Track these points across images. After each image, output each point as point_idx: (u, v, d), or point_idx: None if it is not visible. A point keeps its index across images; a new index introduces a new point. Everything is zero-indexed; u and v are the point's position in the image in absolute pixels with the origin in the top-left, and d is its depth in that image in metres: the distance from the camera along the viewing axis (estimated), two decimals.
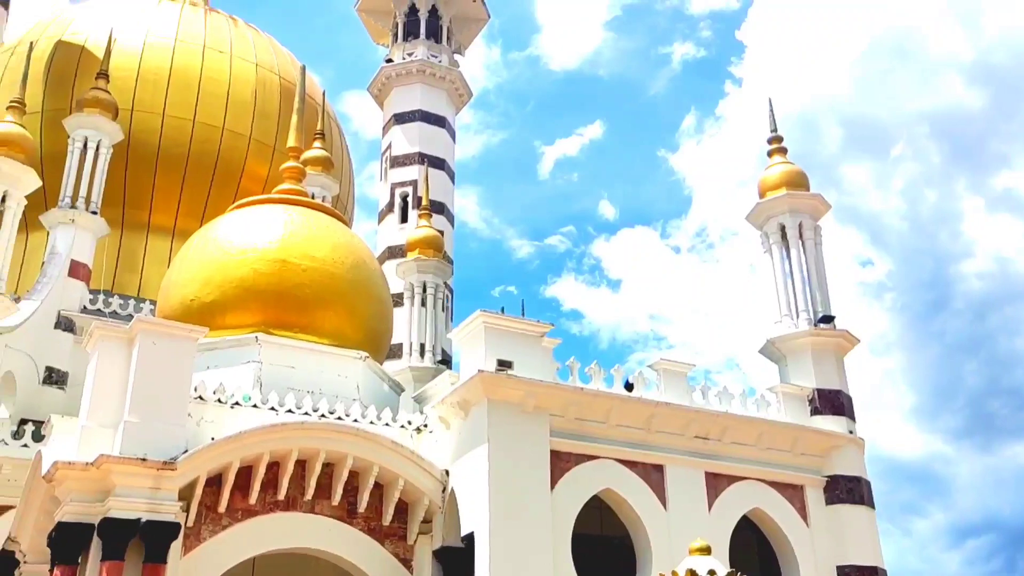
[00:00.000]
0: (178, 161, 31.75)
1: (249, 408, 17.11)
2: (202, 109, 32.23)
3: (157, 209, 31.83)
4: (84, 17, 33.51)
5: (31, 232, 29.37)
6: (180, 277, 20.98)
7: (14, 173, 22.53)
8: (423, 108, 34.89)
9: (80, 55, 31.69)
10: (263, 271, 20.05)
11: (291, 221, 21.32)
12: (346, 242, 22.04)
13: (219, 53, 33.58)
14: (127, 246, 31.40)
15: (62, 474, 14.48)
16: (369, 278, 21.83)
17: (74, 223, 26.43)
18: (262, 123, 33.33)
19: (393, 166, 34.42)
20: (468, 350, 17.61)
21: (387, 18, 37.75)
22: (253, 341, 19.14)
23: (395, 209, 33.74)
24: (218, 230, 21.49)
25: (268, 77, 34.30)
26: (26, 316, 23.95)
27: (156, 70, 31.98)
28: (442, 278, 27.60)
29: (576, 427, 17.63)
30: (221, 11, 36.98)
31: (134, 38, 32.21)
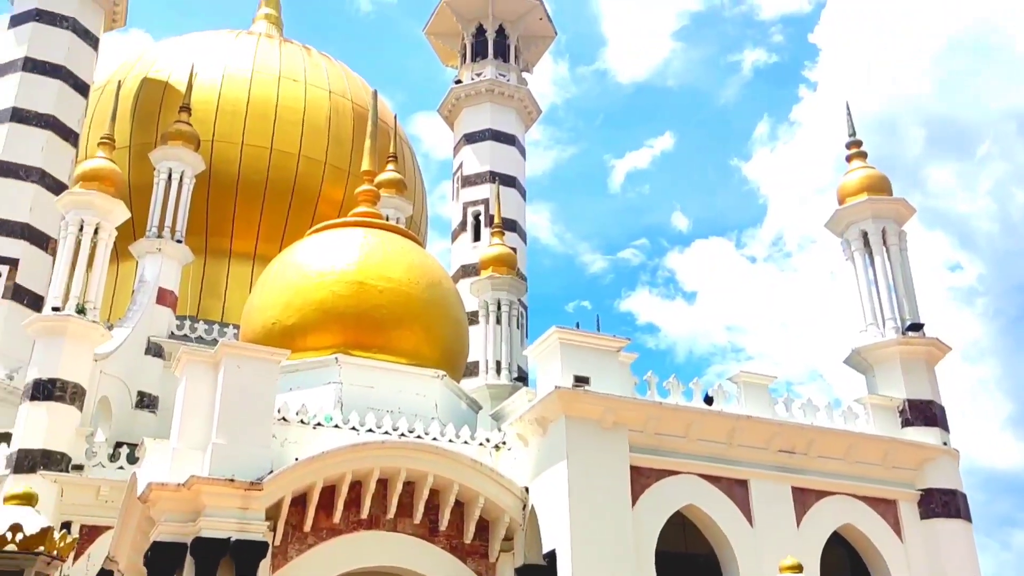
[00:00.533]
0: (257, 188, 32.67)
1: (331, 428, 17.36)
2: (279, 137, 33.13)
3: (238, 236, 32.79)
4: (167, 55, 34.85)
5: (121, 262, 30.56)
6: (261, 301, 21.48)
7: (105, 206, 23.44)
8: (493, 127, 35.16)
9: (164, 91, 32.95)
10: (341, 293, 20.38)
11: (367, 243, 21.65)
12: (421, 262, 22.28)
13: (294, 82, 34.50)
14: (210, 273, 32.39)
15: (156, 495, 14.92)
16: (444, 297, 22.00)
17: (161, 252, 27.40)
18: (336, 148, 34.08)
19: (465, 185, 34.74)
20: (544, 367, 17.56)
21: (455, 40, 38.23)
22: (333, 362, 19.45)
23: (468, 228, 34.01)
24: (297, 254, 21.96)
25: (341, 103, 35.07)
26: (119, 343, 24.87)
27: (235, 101, 33.02)
28: (516, 295, 27.66)
29: (656, 442, 17.40)
30: (295, 41, 38.03)
31: (213, 72, 33.34)
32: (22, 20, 30.31)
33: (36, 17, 30.13)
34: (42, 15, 30.17)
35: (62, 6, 30.53)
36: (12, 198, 27.91)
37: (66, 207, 23.56)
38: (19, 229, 27.69)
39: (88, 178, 23.68)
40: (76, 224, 23.12)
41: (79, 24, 30.76)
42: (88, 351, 22.35)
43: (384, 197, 28.47)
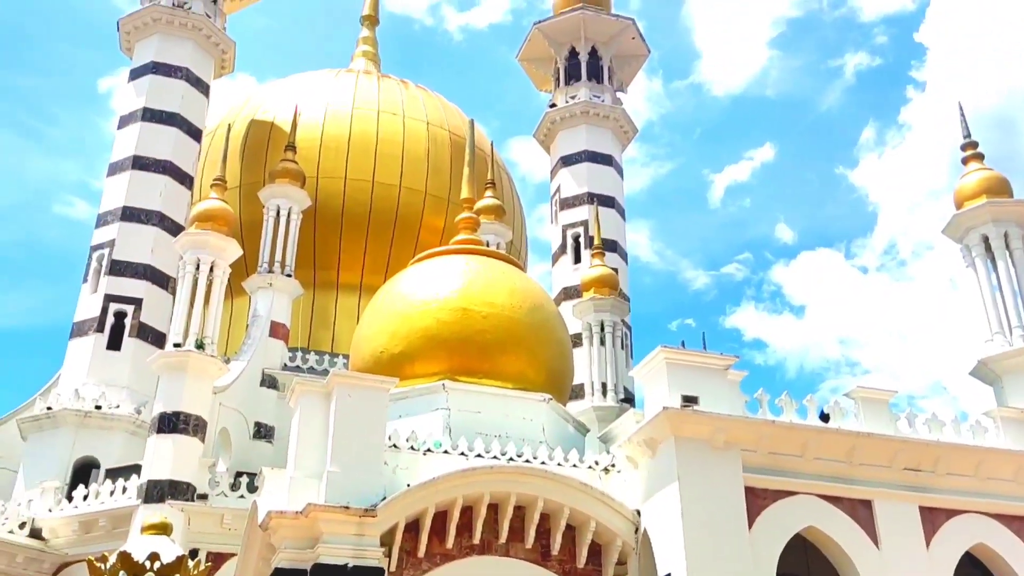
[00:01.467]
0: (361, 221, 33.55)
1: (440, 454, 17.54)
2: (380, 170, 33.99)
3: (344, 267, 33.70)
4: (272, 96, 36.29)
5: (235, 297, 31.80)
6: (369, 331, 21.95)
7: (219, 244, 24.47)
8: (589, 148, 35.17)
9: (270, 131, 34.30)
10: (446, 320, 20.64)
11: (469, 270, 21.89)
12: (523, 286, 22.37)
13: (392, 116, 35.37)
14: (319, 304, 33.36)
15: (275, 523, 15.35)
16: (547, 320, 22.02)
17: (272, 286, 28.39)
18: (436, 178, 34.71)
19: (563, 208, 34.80)
20: (651, 387, 17.31)
21: (548, 64, 38.50)
22: (440, 388, 19.67)
23: (568, 250, 34.02)
24: (401, 284, 22.38)
25: (439, 133, 35.74)
26: (236, 376, 25.84)
27: (337, 138, 34.08)
28: (619, 316, 27.44)
29: (771, 462, 16.87)
30: (392, 76, 39.03)
31: (316, 110, 34.52)
32: (141, 73, 32.11)
33: (153, 69, 31.86)
34: (158, 67, 31.89)
35: (176, 57, 32.20)
36: (135, 241, 29.43)
37: (183, 247, 24.70)
38: (142, 270, 29.16)
39: (203, 219, 24.78)
40: (193, 263, 24.19)
41: (191, 73, 32.37)
42: (208, 384, 23.28)
43: (484, 223, 28.75)
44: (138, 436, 25.32)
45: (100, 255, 29.32)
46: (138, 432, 25.65)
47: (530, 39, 38.19)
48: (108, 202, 30.42)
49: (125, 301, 28.67)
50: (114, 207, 29.99)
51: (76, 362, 27.74)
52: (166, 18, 32.30)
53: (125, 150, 30.91)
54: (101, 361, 27.50)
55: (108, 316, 28.28)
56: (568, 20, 37.15)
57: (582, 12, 36.95)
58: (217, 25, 33.53)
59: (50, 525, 22.80)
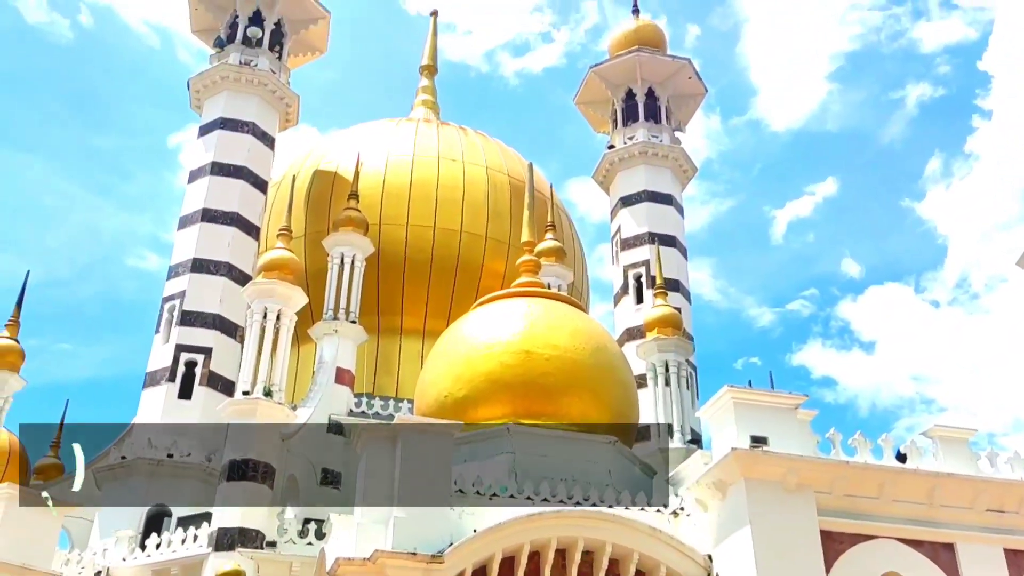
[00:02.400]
0: (423, 266, 33.88)
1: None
2: (441, 215, 34.36)
3: (407, 313, 33.98)
4: (335, 147, 37.13)
5: (301, 344, 32.28)
6: (433, 375, 22.06)
7: (286, 293, 24.92)
8: (648, 188, 35.10)
9: (333, 180, 35.02)
10: (509, 363, 20.65)
11: (531, 313, 21.91)
12: (585, 328, 22.29)
13: (452, 162, 35.84)
14: (384, 350, 33.63)
15: (343, 570, 15.38)
16: (611, 362, 21.86)
17: (337, 333, 28.70)
18: (496, 222, 34.94)
19: (624, 248, 34.68)
20: (718, 428, 17.00)
21: (605, 107, 38.69)
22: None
23: (630, 291, 33.82)
24: (464, 328, 22.49)
25: (498, 178, 36.06)
26: (303, 422, 26.10)
27: (398, 185, 34.62)
28: (683, 356, 27.07)
29: (846, 504, 16.36)
30: (451, 123, 39.64)
31: (378, 159, 35.16)
32: (209, 129, 33.21)
33: (221, 125, 32.93)
34: (226, 123, 32.95)
35: (242, 113, 33.24)
36: (204, 292, 30.17)
37: (251, 296, 25.21)
38: (211, 320, 29.84)
39: (269, 268, 25.30)
40: (260, 312, 24.65)
41: (257, 127, 33.35)
42: (276, 432, 23.54)
43: (545, 266, 28.79)
44: (209, 484, 25.68)
45: (171, 306, 30.11)
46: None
47: (586, 82, 38.48)
48: (179, 254, 31.31)
49: (195, 351, 29.30)
50: (184, 259, 30.85)
51: (149, 411, 28.38)
52: (233, 76, 33.41)
53: (195, 203, 31.86)
54: (173, 410, 28.08)
55: (179, 366, 28.92)
56: (624, 63, 37.36)
57: (638, 54, 37.14)
58: (281, 80, 34.57)
59: (124, 573, 23.17)
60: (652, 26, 39.81)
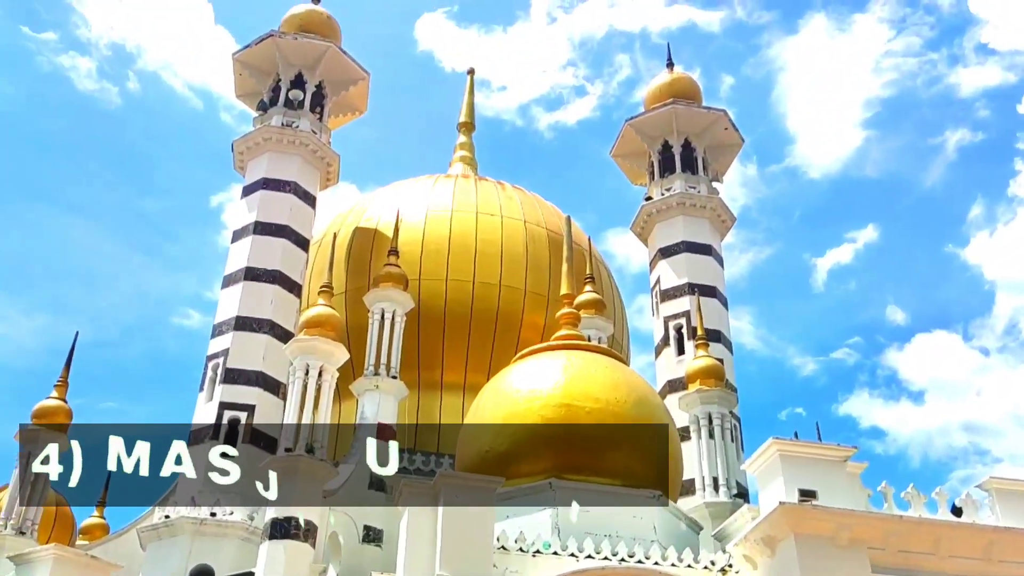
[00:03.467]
0: (462, 320, 33.99)
1: (550, 555, 17.18)
2: (480, 270, 34.55)
3: (448, 368, 34.00)
4: (375, 204, 37.69)
5: (343, 401, 32.40)
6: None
7: (327, 349, 25.08)
8: (687, 239, 35.01)
9: (373, 237, 35.46)
10: (550, 417, 20.52)
11: (571, 366, 21.82)
12: (626, 380, 22.13)
13: (490, 216, 36.14)
14: (424, 405, 33.62)
15: None
16: (653, 414, 21.63)
17: (378, 388, 28.77)
18: (535, 275, 35.03)
19: (664, 300, 34.50)
20: (765, 481, 16.67)
21: (642, 159, 38.87)
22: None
23: (671, 342, 33.55)
24: (504, 382, 22.44)
25: (536, 232, 36.25)
26: (344, 479, 26.04)
27: (437, 240, 34.95)
28: (727, 407, 26.67)
29: (901, 560, 15.88)
30: (490, 179, 40.08)
31: (417, 215, 35.58)
32: (253, 189, 33.90)
33: (264, 185, 33.60)
34: (268, 183, 33.62)
35: (285, 173, 33.92)
36: (248, 349, 30.48)
37: (293, 353, 25.41)
38: (254, 377, 30.08)
39: (311, 325, 25.52)
40: (302, 369, 24.80)
41: (299, 187, 33.98)
42: (318, 489, 23.51)
43: (584, 318, 28.71)
44: (251, 542, 25.64)
45: (215, 364, 30.45)
46: (251, 538, 25.99)
47: (622, 135, 38.75)
48: (223, 313, 31.75)
49: (239, 408, 29.49)
50: (228, 317, 31.27)
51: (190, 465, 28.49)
52: (276, 137, 34.20)
53: (238, 262, 32.39)
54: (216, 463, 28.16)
55: (223, 423, 29.12)
56: (660, 115, 37.60)
57: (673, 107, 37.37)
58: (322, 140, 35.29)
59: None
60: (687, 78, 40.11)
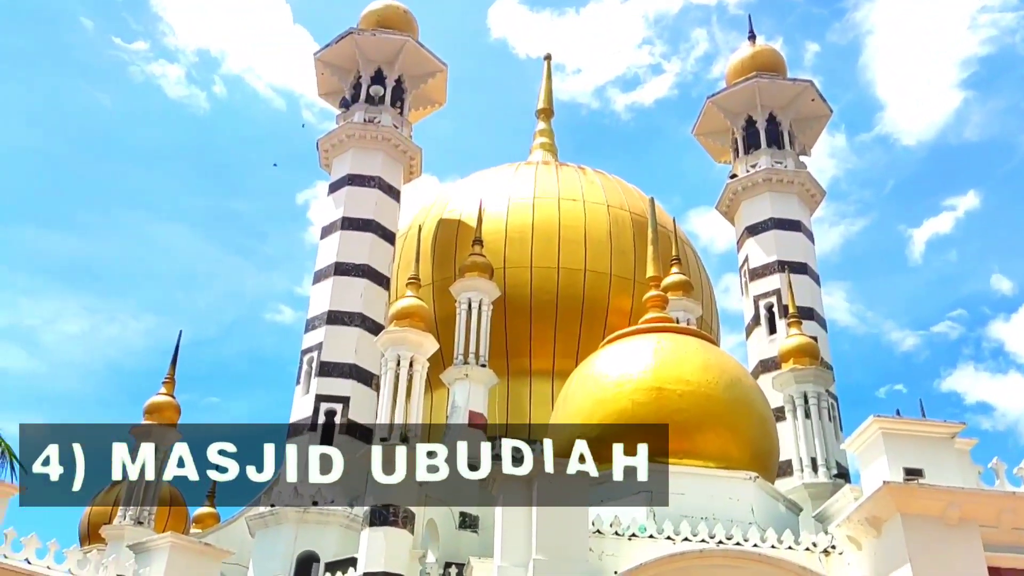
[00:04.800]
0: (548, 307, 34.03)
1: (645, 539, 17.11)
2: (564, 256, 34.51)
3: (536, 354, 34.12)
4: (457, 195, 38.01)
5: (434, 390, 32.88)
6: (565, 415, 22.02)
7: (417, 340, 25.50)
8: (775, 216, 34.22)
9: (457, 228, 35.78)
10: (640, 401, 20.40)
11: (661, 348, 21.63)
12: (717, 362, 21.82)
13: (572, 202, 36.03)
14: (514, 392, 33.82)
15: None
16: (746, 395, 21.27)
17: (468, 377, 29.13)
18: (620, 259, 34.80)
19: (753, 279, 33.83)
20: (868, 460, 16.21)
21: (725, 136, 38.13)
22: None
23: (761, 321, 32.89)
24: (593, 367, 22.40)
25: (620, 215, 35.99)
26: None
27: (520, 228, 35.03)
28: (823, 386, 26.04)
29: (1016, 539, 15.27)
30: (570, 164, 39.95)
31: (499, 204, 35.73)
32: (338, 186, 34.62)
33: (349, 181, 34.28)
34: (353, 179, 34.28)
35: (369, 168, 34.52)
36: (340, 343, 31.20)
37: (384, 345, 25.91)
38: (348, 370, 30.78)
39: (400, 316, 25.98)
40: (394, 360, 25.28)
41: (383, 181, 34.53)
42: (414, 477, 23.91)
43: (672, 300, 28.43)
44: (352, 530, 26.29)
45: (310, 358, 31.27)
46: (352, 526, 26.65)
47: (704, 113, 38.07)
48: (315, 308, 32.56)
49: (334, 400, 30.22)
50: (320, 312, 32.04)
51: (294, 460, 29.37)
52: (359, 133, 34.80)
53: (327, 258, 33.14)
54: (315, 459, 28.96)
55: (319, 415, 29.88)
56: (743, 90, 36.79)
57: (756, 81, 36.51)
58: (404, 134, 35.75)
59: None
60: (769, 50, 39.13)
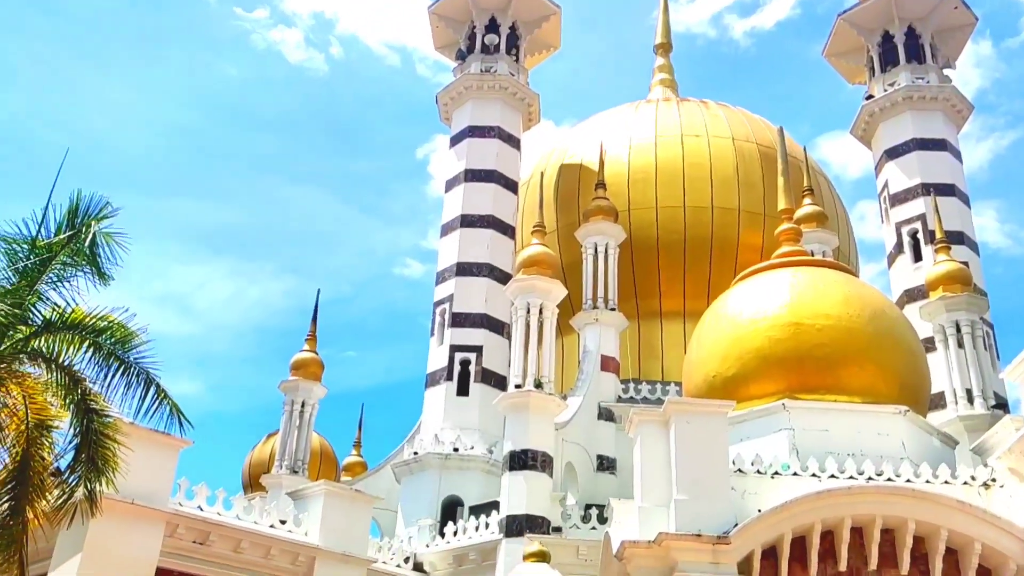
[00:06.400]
0: (676, 248, 33.43)
1: (789, 476, 16.69)
2: (689, 194, 33.72)
3: (666, 296, 33.69)
4: (577, 139, 37.62)
5: (564, 336, 33.03)
6: (699, 356, 21.64)
7: (546, 287, 25.60)
8: (917, 136, 32.23)
9: (579, 173, 35.49)
10: (778, 337, 19.78)
11: (797, 283, 20.86)
12: (858, 293, 20.87)
13: (696, 138, 35.04)
14: (645, 334, 33.58)
15: (629, 552, 15.49)
16: (892, 327, 20.29)
17: (598, 321, 29.11)
18: (748, 193, 33.73)
19: (894, 204, 32.13)
20: None
21: (859, 55, 36.05)
22: (780, 408, 18.82)
23: (905, 249, 31.27)
24: (726, 305, 21.85)
25: (746, 148, 34.77)
26: (574, 411, 26.68)
27: (643, 169, 34.41)
28: (977, 313, 24.61)
29: None
30: (692, 99, 38.79)
31: (620, 146, 35.17)
32: (459, 138, 34.89)
33: (469, 133, 34.47)
34: (473, 130, 34.44)
35: (488, 118, 34.58)
36: (470, 294, 31.73)
37: (513, 294, 26.15)
38: (479, 319, 31.30)
39: (527, 264, 26.11)
40: (523, 307, 25.50)
41: (503, 131, 34.54)
42: (549, 421, 24.25)
43: (806, 232, 27.34)
44: (492, 474, 26.95)
45: (442, 310, 31.95)
46: (492, 471, 27.31)
47: (835, 32, 36.05)
48: (443, 260, 33.14)
49: (468, 350, 30.86)
50: (449, 264, 32.60)
51: (432, 410, 30.30)
52: (476, 84, 34.84)
53: (453, 211, 33.58)
54: (453, 407, 29.77)
55: (455, 365, 30.60)
56: (876, 4, 34.55)
57: None
58: (521, 81, 35.55)
59: (428, 559, 24.90)
60: None
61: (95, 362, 13.67)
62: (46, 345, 13.55)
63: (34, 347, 13.47)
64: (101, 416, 13.66)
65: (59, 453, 13.62)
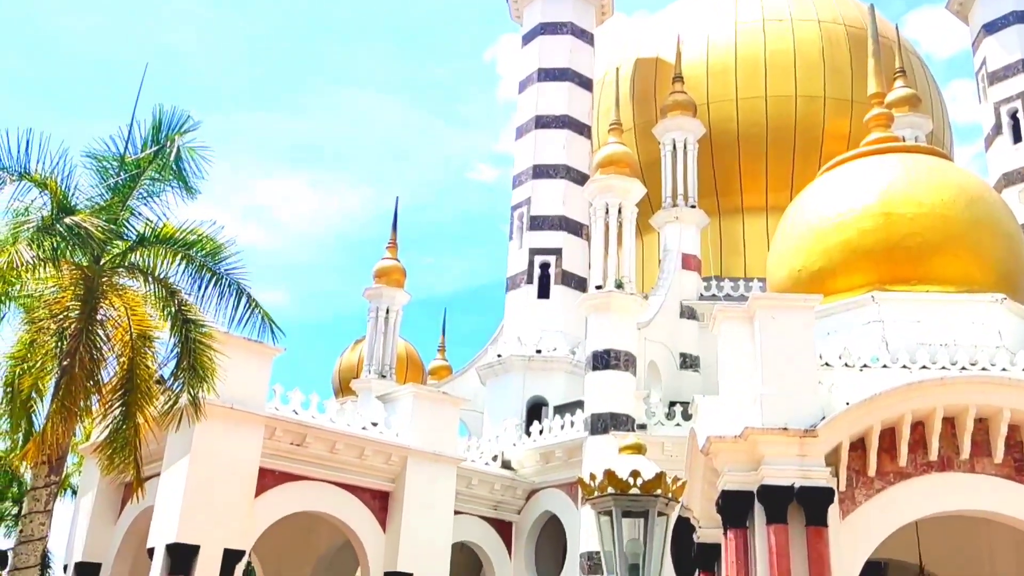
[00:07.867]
0: (757, 140, 32.43)
1: (879, 369, 16.41)
2: (771, 84, 32.47)
3: (747, 191, 32.92)
4: (652, 31, 36.38)
5: (644, 235, 32.73)
6: (783, 250, 21.19)
7: (624, 186, 25.25)
8: (1019, 8, 30.30)
9: (655, 67, 34.45)
10: (866, 228, 19.18)
11: (887, 171, 20.06)
12: (954, 179, 19.98)
13: (778, 23, 33.51)
14: (726, 231, 33.02)
15: (715, 447, 15.58)
16: (990, 213, 19.43)
17: (678, 219, 28.74)
18: (834, 79, 32.30)
19: (992, 83, 30.36)
20: None
21: None
22: (869, 301, 18.39)
23: (1004, 130, 29.68)
24: (811, 197, 21.22)
25: (832, 30, 33.13)
26: (656, 310, 26.65)
27: (722, 59, 33.19)
28: None
29: None
30: None
31: (697, 37, 33.89)
32: (531, 36, 34.12)
33: (541, 30, 33.67)
34: (545, 27, 33.61)
35: (560, 14, 33.66)
36: (548, 196, 31.56)
37: (591, 194, 25.89)
38: (558, 222, 31.19)
39: (605, 164, 25.73)
40: (602, 208, 25.26)
41: (575, 26, 33.62)
42: (631, 321, 24.27)
43: (897, 117, 26.10)
44: (575, 375, 27.30)
45: (520, 213, 31.92)
46: (574, 371, 27.65)
47: None
48: (520, 163, 32.92)
49: (547, 252, 30.90)
50: (525, 167, 32.38)
51: (514, 312, 30.63)
52: None
53: (527, 112, 33.13)
54: (535, 309, 30.04)
55: (535, 268, 30.73)
56: None
57: None
58: None
59: (516, 457, 25.60)
60: None
61: (188, 274, 14.19)
62: (141, 259, 14.09)
63: (131, 261, 14.02)
64: (198, 326, 14.24)
65: (162, 362, 14.30)
